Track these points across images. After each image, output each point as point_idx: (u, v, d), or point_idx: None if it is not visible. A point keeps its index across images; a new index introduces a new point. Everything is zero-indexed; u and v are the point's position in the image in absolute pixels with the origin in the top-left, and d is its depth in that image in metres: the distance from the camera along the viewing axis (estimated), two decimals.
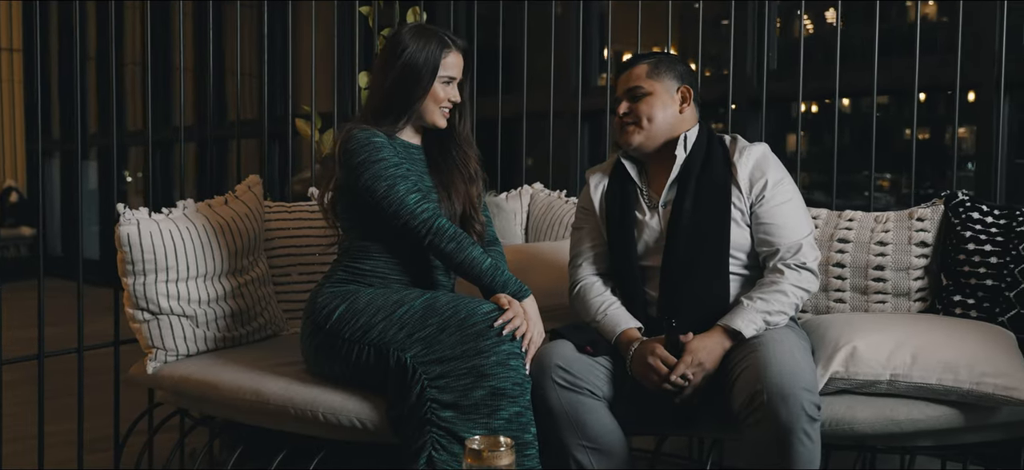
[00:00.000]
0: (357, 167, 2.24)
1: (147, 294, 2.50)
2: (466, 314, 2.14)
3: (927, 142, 3.85)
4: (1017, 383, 2.09)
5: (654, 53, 2.35)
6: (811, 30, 4.08)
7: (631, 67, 2.32)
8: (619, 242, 2.30)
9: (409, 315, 2.17)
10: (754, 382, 1.94)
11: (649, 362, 2.11)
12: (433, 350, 2.12)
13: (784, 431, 1.89)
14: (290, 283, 2.91)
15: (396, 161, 2.26)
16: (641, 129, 2.29)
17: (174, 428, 2.90)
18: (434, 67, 2.31)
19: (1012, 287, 2.38)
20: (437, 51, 2.31)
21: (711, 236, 2.21)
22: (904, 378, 2.14)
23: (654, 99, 2.29)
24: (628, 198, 2.32)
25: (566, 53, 4.24)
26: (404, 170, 2.26)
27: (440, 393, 2.08)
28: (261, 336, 2.75)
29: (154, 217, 2.54)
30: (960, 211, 2.52)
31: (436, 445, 2.05)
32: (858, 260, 2.57)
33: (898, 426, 2.13)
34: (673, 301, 2.20)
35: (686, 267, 2.20)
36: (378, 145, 2.25)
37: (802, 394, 1.90)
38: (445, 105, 2.35)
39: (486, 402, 2.06)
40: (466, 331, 2.12)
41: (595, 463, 2.13)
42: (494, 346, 2.09)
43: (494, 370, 2.07)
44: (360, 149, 2.24)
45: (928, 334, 2.22)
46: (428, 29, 2.36)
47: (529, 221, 3.19)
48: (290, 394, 2.27)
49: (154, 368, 2.53)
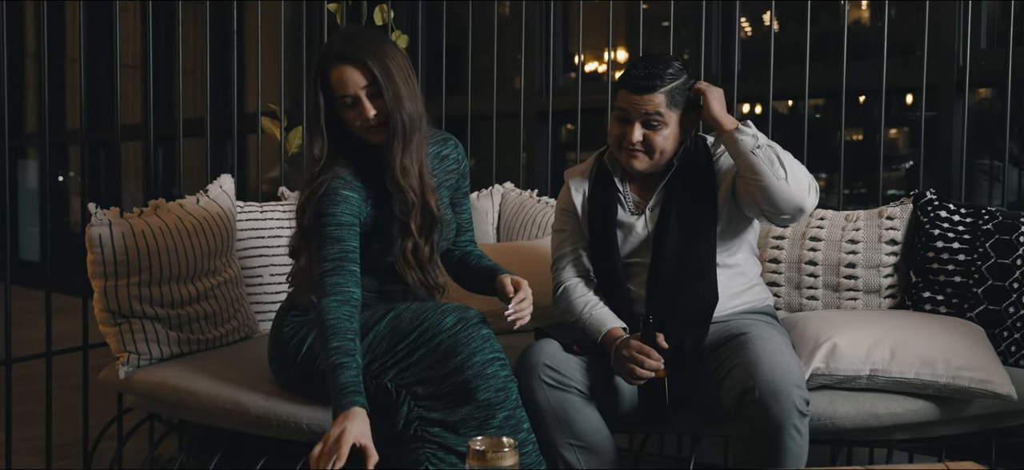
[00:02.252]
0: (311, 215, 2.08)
1: (118, 297, 2.44)
2: (432, 333, 2.04)
3: (860, 143, 3.95)
4: (992, 376, 2.15)
5: (670, 74, 2.20)
6: (749, 32, 4.15)
7: (649, 91, 2.18)
8: (602, 243, 2.31)
9: (378, 341, 2.09)
10: (745, 378, 1.97)
11: (625, 354, 2.12)
12: (410, 371, 2.05)
13: (775, 427, 1.92)
14: (262, 284, 2.86)
15: (349, 220, 2.05)
16: (651, 159, 2.24)
17: (145, 434, 2.83)
18: (315, 98, 2.06)
19: (980, 283, 2.45)
20: (316, 77, 2.06)
21: (698, 241, 2.23)
22: (883, 373, 2.19)
23: (668, 130, 2.21)
24: (610, 200, 2.32)
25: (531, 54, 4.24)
26: (350, 232, 2.04)
27: (427, 412, 2.03)
28: (234, 338, 2.70)
29: (126, 218, 2.48)
30: (928, 210, 2.59)
31: (431, 458, 2.01)
32: (830, 258, 2.63)
33: (877, 420, 2.18)
34: (660, 302, 2.21)
35: (674, 272, 2.22)
36: (337, 200, 2.05)
37: (793, 391, 1.93)
38: (360, 125, 2.07)
39: (474, 415, 2.01)
40: (436, 352, 2.03)
41: (583, 461, 2.13)
42: (467, 361, 2.01)
43: (475, 384, 2.01)
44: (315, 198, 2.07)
45: (905, 330, 2.27)
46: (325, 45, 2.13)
47: (501, 220, 3.19)
48: (272, 405, 2.22)
49: (126, 373, 2.47)
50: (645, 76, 2.18)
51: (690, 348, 2.18)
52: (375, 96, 2.04)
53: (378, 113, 2.05)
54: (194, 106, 5.90)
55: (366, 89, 2.04)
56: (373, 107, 2.05)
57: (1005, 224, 2.47)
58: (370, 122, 2.05)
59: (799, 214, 2.16)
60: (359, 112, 2.04)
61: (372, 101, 2.05)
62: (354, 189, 2.08)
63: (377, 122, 2.06)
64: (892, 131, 3.91)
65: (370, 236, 2.13)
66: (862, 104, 3.83)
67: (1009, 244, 2.43)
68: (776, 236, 2.70)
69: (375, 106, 2.05)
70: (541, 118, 4.03)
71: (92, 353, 2.88)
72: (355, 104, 2.04)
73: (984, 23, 3.13)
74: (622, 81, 2.24)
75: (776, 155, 2.12)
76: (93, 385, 2.68)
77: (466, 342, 2.01)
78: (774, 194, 2.11)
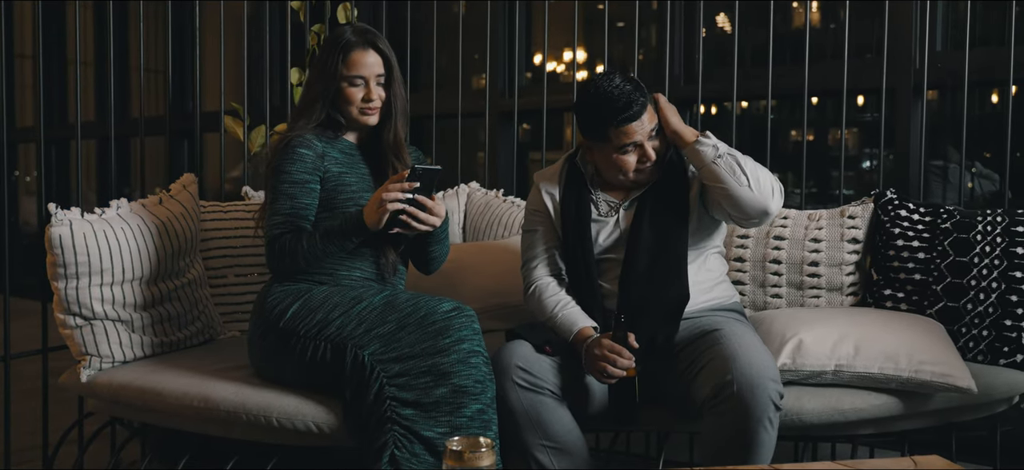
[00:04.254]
0: (268, 171, 2.31)
1: (80, 299, 2.39)
2: (426, 312, 2.12)
3: (812, 144, 4.02)
4: (952, 370, 2.21)
5: (637, 84, 2.21)
6: (705, 34, 4.19)
7: (642, 113, 2.19)
8: (577, 241, 2.32)
9: (368, 311, 2.15)
10: (722, 373, 1.99)
11: (596, 353, 2.13)
12: (392, 348, 2.09)
13: (752, 421, 1.95)
14: (226, 284, 2.82)
15: (303, 177, 2.25)
16: (658, 168, 2.27)
17: (106, 439, 2.78)
18: (335, 70, 2.28)
19: (939, 281, 2.51)
20: (338, 54, 2.28)
21: (671, 239, 2.25)
22: (848, 368, 2.23)
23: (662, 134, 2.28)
24: (583, 199, 2.33)
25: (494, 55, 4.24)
26: (305, 189, 2.25)
27: (400, 391, 2.06)
28: (199, 340, 2.66)
29: (87, 218, 2.43)
30: (889, 209, 2.65)
31: (398, 443, 2.03)
32: (793, 256, 2.67)
33: (842, 415, 2.22)
34: (633, 298, 2.22)
35: (647, 269, 2.24)
36: (293, 158, 2.25)
37: (770, 385, 1.96)
38: (362, 106, 2.31)
39: (448, 400, 2.05)
40: (426, 329, 2.10)
41: (556, 462, 2.14)
42: (454, 344, 2.08)
43: (455, 368, 2.06)
44: (275, 155, 2.29)
45: (869, 326, 2.32)
46: (342, 28, 2.35)
47: (467, 220, 3.19)
48: (242, 399, 2.21)
49: (88, 376, 2.42)
50: (629, 102, 2.17)
51: (661, 344, 2.20)
52: (383, 85, 2.32)
53: (382, 99, 2.32)
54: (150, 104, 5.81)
55: (379, 77, 2.31)
56: (381, 92, 2.32)
57: (963, 223, 2.53)
58: (374, 104, 2.31)
59: (764, 217, 2.20)
60: (367, 93, 2.30)
61: (380, 88, 2.32)
62: (312, 147, 2.28)
63: (379, 106, 2.32)
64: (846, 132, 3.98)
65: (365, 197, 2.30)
66: (814, 106, 3.90)
67: (967, 242, 2.50)
68: (741, 235, 2.74)
69: (382, 92, 2.32)
70: (504, 118, 4.04)
71: (52, 357, 2.82)
72: (364, 85, 2.30)
73: (940, 25, 3.20)
74: (612, 121, 2.18)
75: (737, 163, 2.16)
76: (53, 389, 2.62)
77: (458, 328, 2.10)
78: (738, 200, 2.15)
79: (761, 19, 2.99)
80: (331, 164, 2.30)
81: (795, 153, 3.71)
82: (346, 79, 2.29)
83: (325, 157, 2.30)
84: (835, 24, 3.75)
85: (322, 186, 2.29)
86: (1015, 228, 2.47)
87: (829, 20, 3.91)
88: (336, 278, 2.27)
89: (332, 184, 2.29)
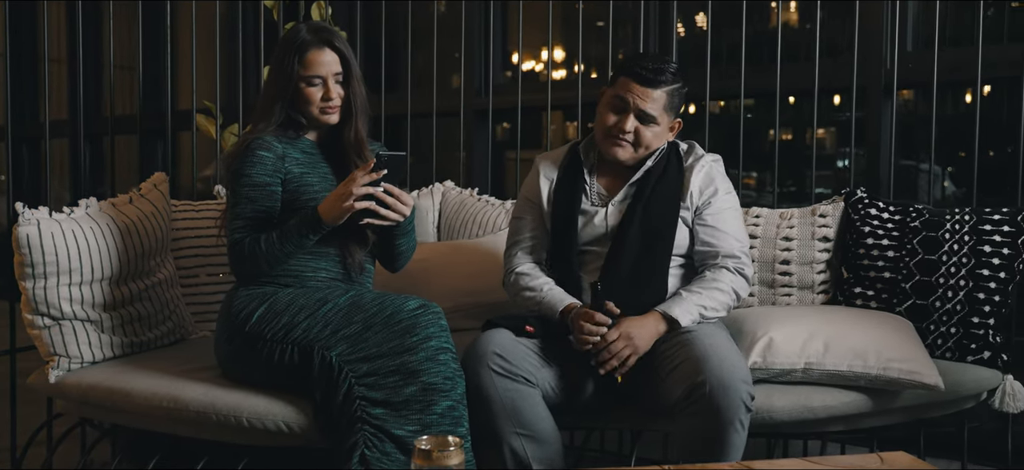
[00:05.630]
0: (229, 175, 2.28)
1: (48, 299, 2.37)
2: (392, 311, 2.12)
3: (790, 143, 4.05)
4: (920, 367, 2.23)
5: (674, 75, 2.25)
6: (682, 34, 4.21)
7: (653, 86, 2.22)
8: (563, 227, 2.32)
9: (334, 312, 2.14)
10: (694, 374, 2.00)
11: (579, 324, 2.14)
12: (359, 348, 2.09)
13: (723, 421, 1.96)
14: (198, 284, 2.80)
15: (263, 179, 2.23)
16: (635, 152, 2.28)
17: (75, 440, 2.75)
18: (291, 71, 2.25)
19: (908, 279, 2.53)
20: (293, 54, 2.25)
21: (658, 242, 2.26)
22: (817, 366, 2.25)
23: (657, 129, 2.27)
24: (576, 189, 2.34)
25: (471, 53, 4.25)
26: (266, 191, 2.23)
27: (369, 391, 2.06)
28: (169, 341, 2.64)
29: (55, 217, 2.40)
30: (859, 208, 2.67)
31: (368, 443, 2.03)
32: (765, 255, 2.69)
33: (812, 412, 2.24)
34: (611, 294, 2.21)
35: (631, 267, 2.25)
36: (252, 160, 2.23)
37: (741, 386, 1.98)
38: (322, 106, 2.29)
39: (418, 398, 2.05)
40: (392, 328, 2.09)
41: (530, 451, 2.14)
42: (422, 342, 2.08)
43: (424, 366, 2.06)
44: (233, 158, 2.27)
45: (838, 324, 2.34)
46: (297, 27, 2.32)
47: (442, 219, 3.19)
48: (211, 399, 2.19)
49: (57, 377, 2.40)
50: (653, 71, 2.22)
51: None
52: (341, 83, 2.29)
53: (342, 97, 2.29)
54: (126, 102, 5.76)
55: (337, 76, 2.28)
56: (340, 90, 2.28)
57: (932, 221, 2.55)
58: (334, 103, 2.28)
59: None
60: (326, 92, 2.26)
61: (339, 86, 2.29)
62: (272, 149, 2.26)
63: (339, 104, 2.29)
64: (820, 131, 4.01)
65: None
66: (792, 105, 3.92)
67: (935, 241, 2.52)
68: None
69: (341, 90, 2.29)
70: (480, 117, 4.03)
71: (20, 357, 2.79)
72: (322, 85, 2.27)
73: (910, 26, 3.23)
74: (627, 70, 2.25)
75: (715, 312, 2.23)
76: (22, 390, 2.59)
77: (425, 325, 2.09)
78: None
79: (739, 19, 3.01)
80: (292, 165, 2.29)
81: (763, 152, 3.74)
82: (303, 79, 2.26)
83: (285, 158, 2.28)
84: (811, 24, 3.77)
85: (284, 187, 2.27)
86: (982, 226, 2.50)
87: (806, 20, 3.93)
88: (301, 279, 2.26)
89: (294, 185, 2.27)
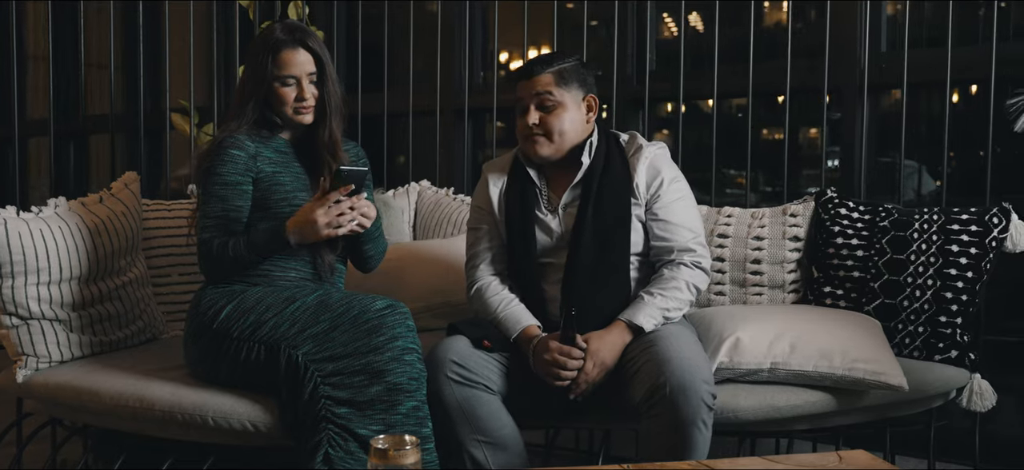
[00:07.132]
0: (200, 173, 2.29)
1: (16, 298, 2.36)
2: (359, 311, 2.12)
3: (781, 142, 4.05)
4: (885, 368, 2.23)
5: (557, 56, 2.28)
6: (675, 33, 4.21)
7: (536, 73, 2.25)
8: (519, 241, 2.31)
9: (301, 311, 2.14)
10: (655, 375, 2.00)
11: (547, 359, 2.14)
12: (325, 347, 2.09)
13: (685, 422, 1.96)
14: (170, 284, 2.80)
15: (234, 179, 2.25)
16: (551, 143, 2.26)
17: (45, 439, 2.74)
18: (265, 70, 2.25)
19: (876, 278, 2.54)
20: (267, 54, 2.25)
21: (613, 240, 2.25)
22: (784, 366, 2.26)
23: (564, 112, 2.25)
24: (528, 198, 2.32)
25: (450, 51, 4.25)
26: (237, 190, 2.25)
27: (334, 390, 2.05)
28: (140, 340, 2.64)
29: (23, 216, 2.40)
30: (829, 207, 2.67)
31: (332, 442, 2.03)
32: (736, 254, 2.69)
33: (778, 412, 2.24)
34: (574, 302, 2.22)
35: (590, 271, 2.24)
36: (224, 159, 2.24)
37: (702, 387, 1.98)
38: (296, 106, 2.29)
39: (382, 398, 2.05)
40: (359, 328, 2.09)
41: (490, 457, 2.14)
42: (387, 342, 2.07)
43: (389, 366, 2.06)
44: (205, 156, 2.29)
45: (805, 324, 2.34)
46: (271, 27, 2.32)
47: (417, 218, 3.19)
48: (177, 398, 2.19)
49: (25, 376, 2.39)
50: (529, 64, 2.29)
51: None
52: (316, 83, 2.29)
53: (316, 97, 2.29)
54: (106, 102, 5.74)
55: (311, 76, 2.28)
56: (314, 90, 2.28)
57: (900, 221, 2.56)
58: (307, 104, 2.28)
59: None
60: (300, 92, 2.27)
61: (313, 86, 2.28)
62: (244, 148, 2.26)
63: (312, 104, 2.29)
64: (812, 131, 4.01)
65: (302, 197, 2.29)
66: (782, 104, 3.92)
67: (904, 240, 2.53)
68: None
69: (315, 91, 2.29)
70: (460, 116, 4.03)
71: None
72: (296, 85, 2.27)
73: (884, 26, 3.24)
74: (511, 75, 2.29)
75: (677, 311, 2.24)
76: None
77: (392, 325, 2.09)
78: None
79: (732, 18, 3.02)
80: (264, 164, 2.29)
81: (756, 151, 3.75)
82: (277, 79, 2.26)
83: (258, 157, 2.29)
84: (802, 24, 3.78)
85: (255, 186, 2.28)
86: (950, 226, 2.50)
87: (796, 19, 3.93)
88: (271, 279, 2.26)
89: (266, 184, 2.28)
